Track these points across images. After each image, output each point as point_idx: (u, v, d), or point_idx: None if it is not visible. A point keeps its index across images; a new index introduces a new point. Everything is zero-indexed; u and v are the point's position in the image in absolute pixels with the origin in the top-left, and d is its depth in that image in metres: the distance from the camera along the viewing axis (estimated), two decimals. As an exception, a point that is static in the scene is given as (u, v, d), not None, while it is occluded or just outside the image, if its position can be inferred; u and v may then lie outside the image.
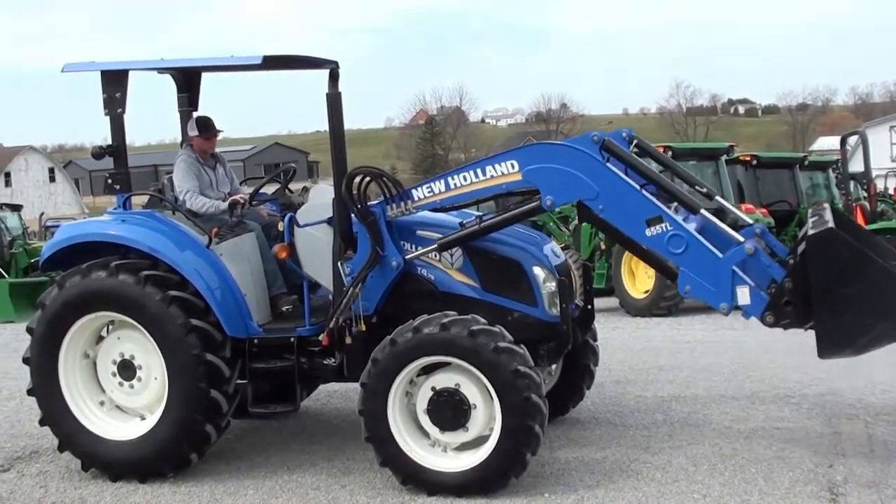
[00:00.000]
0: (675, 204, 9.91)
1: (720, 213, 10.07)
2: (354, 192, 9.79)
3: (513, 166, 9.58)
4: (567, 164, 9.47)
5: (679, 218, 9.50)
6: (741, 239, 9.46)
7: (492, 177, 9.65)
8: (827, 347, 9.13)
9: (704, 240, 9.34)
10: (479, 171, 9.72)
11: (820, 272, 8.91)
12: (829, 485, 9.31)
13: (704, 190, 10.59)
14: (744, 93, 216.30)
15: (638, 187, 9.56)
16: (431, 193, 9.85)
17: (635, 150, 10.51)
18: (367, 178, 9.86)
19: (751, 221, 9.83)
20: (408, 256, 9.93)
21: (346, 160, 10.08)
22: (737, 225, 10.40)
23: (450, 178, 9.82)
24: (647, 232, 9.37)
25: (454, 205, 10.07)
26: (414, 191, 9.92)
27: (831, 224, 9.13)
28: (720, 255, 9.25)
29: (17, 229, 35.67)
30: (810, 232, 9.10)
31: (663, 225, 9.30)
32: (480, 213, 10.41)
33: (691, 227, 9.46)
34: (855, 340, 9.16)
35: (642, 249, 10.12)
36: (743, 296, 9.21)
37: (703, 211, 9.72)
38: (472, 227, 9.98)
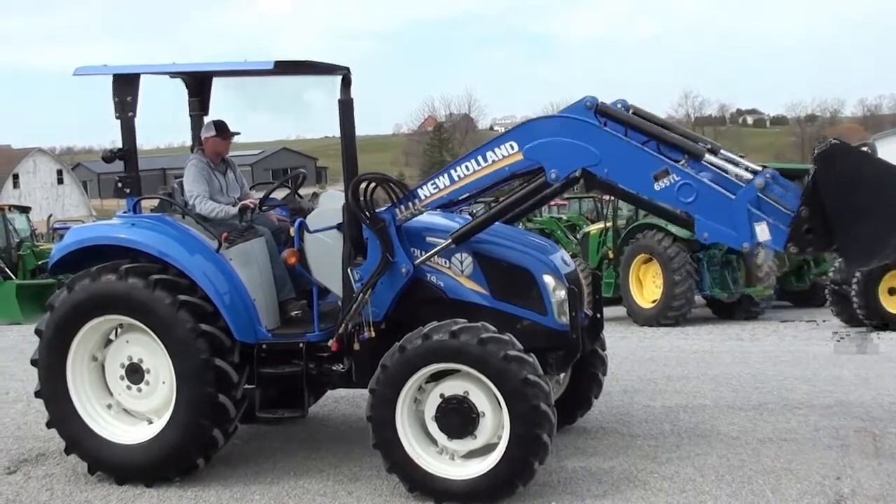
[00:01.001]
0: (683, 161, 9.72)
1: (729, 162, 9.90)
2: (361, 198, 9.79)
3: (512, 147, 9.50)
4: (566, 134, 9.39)
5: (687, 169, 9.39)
6: (750, 176, 9.36)
7: (493, 162, 9.57)
8: (855, 260, 9.06)
9: (714, 184, 9.26)
10: (479, 158, 9.64)
11: (832, 188, 8.75)
12: (836, 497, 9.30)
13: (709, 146, 10.39)
14: (752, 103, 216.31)
15: (639, 145, 9.48)
16: (437, 189, 9.80)
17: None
18: (373, 184, 9.85)
19: (759, 168, 9.67)
20: (417, 261, 9.90)
21: (357, 166, 10.07)
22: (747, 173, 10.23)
23: (452, 171, 9.76)
24: (656, 186, 9.23)
25: (462, 197, 10.00)
26: (419, 190, 9.88)
27: (835, 141, 9.05)
28: (732, 195, 9.17)
29: (24, 231, 35.66)
30: (816, 151, 9.00)
31: (671, 177, 9.17)
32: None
33: (700, 176, 9.36)
34: (881, 248, 8.92)
35: (655, 206, 9.97)
36: (762, 232, 9.02)
37: (708, 156, 9.57)
38: (483, 214, 9.98)
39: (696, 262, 23.42)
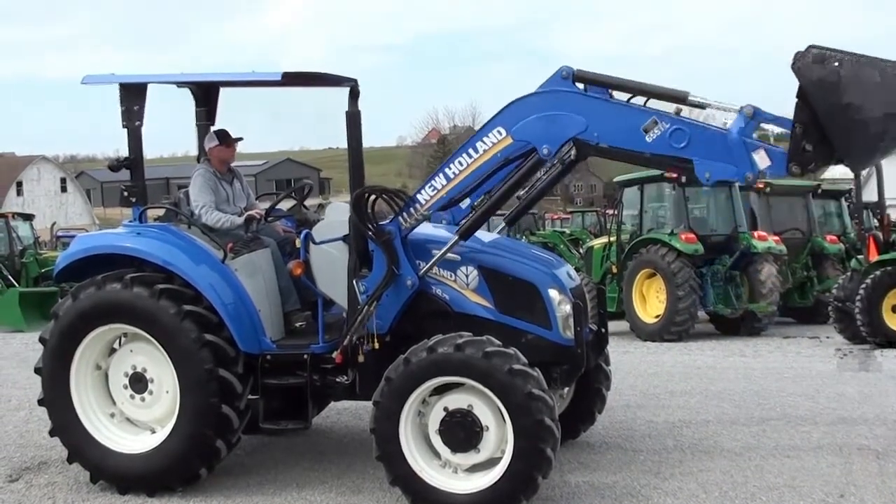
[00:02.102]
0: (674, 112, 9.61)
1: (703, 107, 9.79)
2: (365, 211, 9.79)
3: (500, 133, 9.48)
4: (549, 108, 9.37)
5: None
6: (736, 107, 9.22)
7: (484, 151, 9.55)
8: (858, 160, 8.91)
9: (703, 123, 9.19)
10: (470, 151, 9.62)
11: (818, 94, 8.59)
12: (840, 515, 9.30)
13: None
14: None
15: (622, 102, 9.45)
16: (435, 191, 9.77)
17: None
18: (374, 197, 9.85)
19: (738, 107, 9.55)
20: (422, 271, 9.90)
21: (363, 178, 10.08)
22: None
23: (447, 169, 9.72)
24: (648, 138, 9.17)
25: (462, 193, 9.86)
26: (419, 195, 9.85)
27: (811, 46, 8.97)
28: (723, 130, 9.09)
29: (28, 239, 35.71)
30: (794, 62, 8.90)
31: (660, 125, 9.12)
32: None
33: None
34: (878, 141, 8.77)
35: (654, 160, 9.68)
36: (762, 159, 8.93)
37: (690, 97, 9.35)
38: (486, 204, 9.91)
39: (700, 278, 23.40)
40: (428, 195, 9.78)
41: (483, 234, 11.01)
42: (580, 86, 9.55)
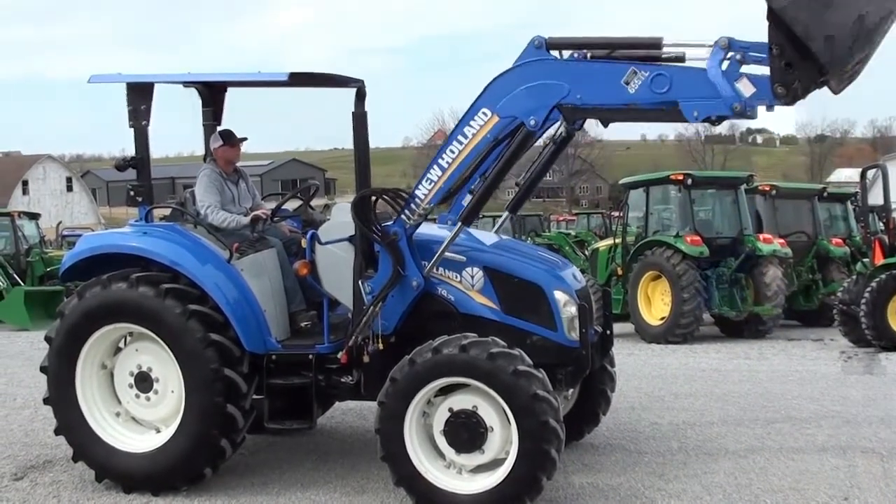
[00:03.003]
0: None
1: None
2: (368, 215, 9.82)
3: (486, 113, 9.44)
4: (528, 80, 9.33)
5: None
6: (710, 42, 9.16)
7: (473, 135, 9.50)
8: (839, 61, 8.77)
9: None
10: (460, 137, 9.57)
11: (786, 5, 8.46)
12: (844, 518, 9.30)
13: None
14: (762, 122, 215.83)
15: (598, 60, 9.44)
16: (433, 183, 9.71)
17: None
18: (373, 199, 9.87)
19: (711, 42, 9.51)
20: (427, 267, 9.90)
21: (370, 178, 10.07)
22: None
23: (440, 160, 9.66)
24: (630, 90, 9.09)
25: (459, 180, 9.84)
26: (417, 191, 9.79)
27: None
28: (702, 66, 9.01)
29: (34, 238, 35.69)
30: None
31: (639, 75, 9.05)
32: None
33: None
34: (854, 38, 8.65)
35: (638, 109, 9.44)
36: (745, 87, 8.82)
37: (665, 44, 9.33)
38: (482, 186, 9.90)
39: (705, 280, 23.38)
40: (426, 189, 9.73)
41: (488, 236, 11.03)
42: (555, 53, 9.55)
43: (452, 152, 9.60)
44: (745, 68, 8.81)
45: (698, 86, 8.95)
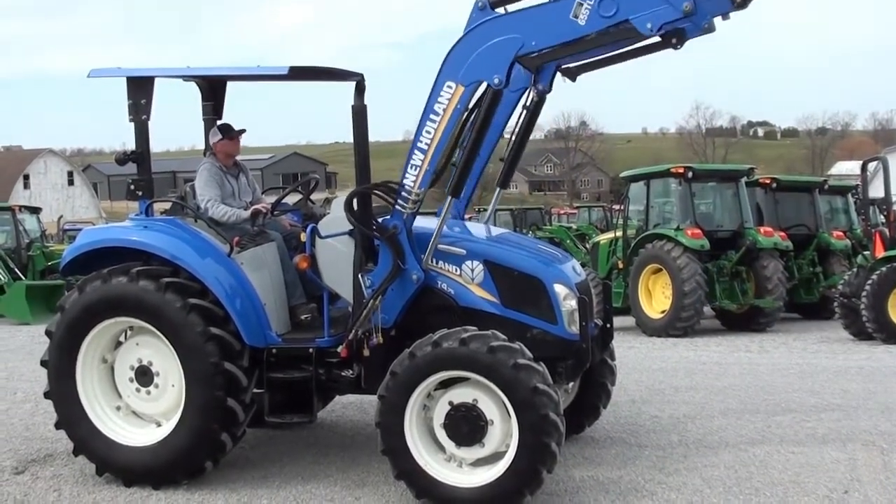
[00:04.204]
0: None
1: None
2: (361, 213, 9.84)
3: (451, 87, 9.45)
4: (482, 42, 9.36)
5: None
6: None
7: (444, 110, 9.49)
8: None
9: None
10: (432, 116, 9.55)
11: None
12: (844, 511, 9.30)
13: None
14: (763, 115, 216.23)
15: (543, 2, 9.37)
16: (418, 168, 9.67)
17: None
18: (364, 196, 9.88)
19: None
20: (424, 257, 9.88)
21: (370, 172, 10.05)
22: None
23: (419, 143, 9.63)
24: (581, 22, 9.12)
25: (443, 158, 9.92)
26: (405, 180, 9.76)
27: None
28: None
29: (35, 232, 35.71)
30: None
31: (585, 5, 9.07)
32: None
33: None
34: None
35: (595, 38, 9.41)
36: None
37: None
38: (462, 155, 9.87)
39: (706, 273, 23.37)
40: (413, 175, 9.70)
41: (488, 229, 11.03)
42: (500, 10, 9.60)
43: (429, 132, 9.59)
44: None
45: None
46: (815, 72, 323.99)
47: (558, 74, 10.31)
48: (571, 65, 10.13)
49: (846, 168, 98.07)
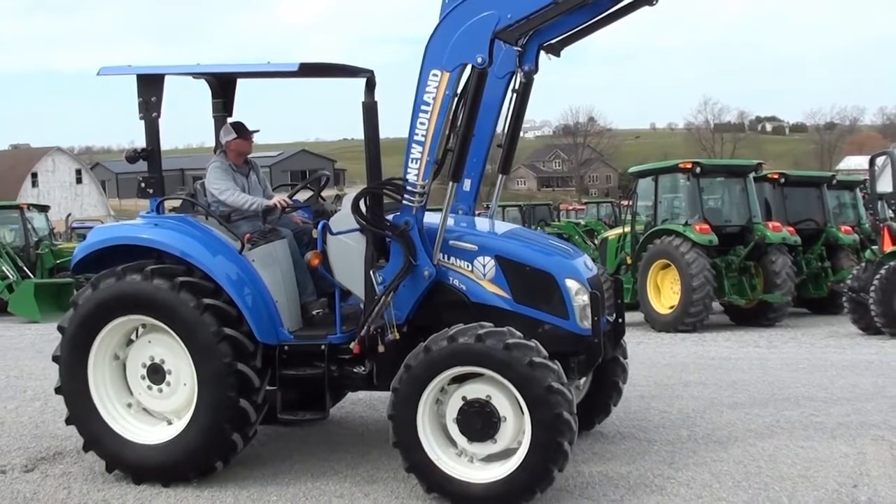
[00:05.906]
0: None
1: None
2: (369, 212, 9.88)
3: (436, 75, 9.52)
4: (458, 26, 9.45)
5: None
6: None
7: (434, 99, 9.54)
8: None
9: None
10: (423, 108, 9.60)
11: None
12: (853, 505, 9.31)
13: None
14: (772, 110, 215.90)
15: None
16: (418, 161, 9.69)
17: None
18: (369, 196, 9.91)
19: None
20: (433, 251, 9.87)
21: (381, 169, 10.05)
22: None
23: (415, 136, 9.67)
24: None
25: (440, 147, 9.92)
26: (408, 175, 9.77)
27: None
28: None
29: (43, 230, 35.72)
30: None
31: None
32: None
33: None
34: None
35: (567, 2, 9.54)
36: None
37: None
38: (457, 140, 9.89)
39: (714, 269, 23.36)
40: (415, 169, 9.72)
41: (499, 224, 11.04)
42: None
43: (423, 124, 9.62)
44: None
45: None
46: (824, 67, 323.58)
47: (542, 53, 10.29)
48: (553, 40, 10.10)
49: (854, 163, 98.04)
